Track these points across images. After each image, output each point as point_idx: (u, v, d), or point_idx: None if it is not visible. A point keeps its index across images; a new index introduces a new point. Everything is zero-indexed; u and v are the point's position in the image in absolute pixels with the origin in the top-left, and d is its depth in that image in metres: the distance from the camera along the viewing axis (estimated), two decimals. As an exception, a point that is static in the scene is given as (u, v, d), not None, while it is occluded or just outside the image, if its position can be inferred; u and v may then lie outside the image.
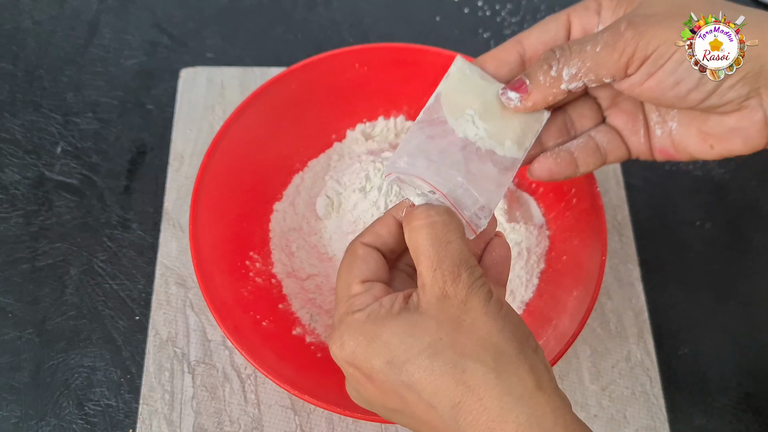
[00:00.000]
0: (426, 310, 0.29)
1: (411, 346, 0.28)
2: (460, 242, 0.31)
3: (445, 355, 0.28)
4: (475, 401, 0.27)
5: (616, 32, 0.32)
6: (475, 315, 0.29)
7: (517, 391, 0.27)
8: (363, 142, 0.57)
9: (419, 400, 0.28)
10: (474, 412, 0.27)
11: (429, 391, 0.28)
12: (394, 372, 0.29)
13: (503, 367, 0.28)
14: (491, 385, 0.27)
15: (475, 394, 0.27)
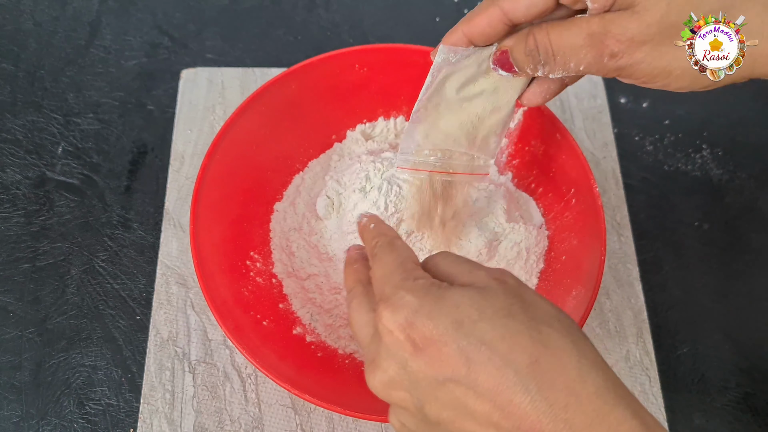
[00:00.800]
0: (489, 285, 0.30)
1: (483, 307, 0.28)
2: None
3: (520, 317, 0.28)
4: (554, 360, 0.27)
5: (600, 55, 0.32)
6: (533, 294, 0.30)
7: (591, 357, 0.28)
8: (363, 143, 0.57)
9: (490, 360, 0.27)
10: (552, 371, 0.27)
11: (504, 348, 0.27)
12: (462, 332, 0.28)
13: (574, 335, 0.28)
14: (568, 348, 0.28)
15: (553, 354, 0.27)
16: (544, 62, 0.34)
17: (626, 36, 0.31)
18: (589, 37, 0.32)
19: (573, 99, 0.64)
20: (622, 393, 0.27)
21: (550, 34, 0.34)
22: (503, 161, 0.56)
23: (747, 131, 0.64)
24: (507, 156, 0.56)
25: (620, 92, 0.65)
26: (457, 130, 0.42)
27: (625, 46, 0.31)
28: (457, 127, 0.42)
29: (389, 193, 0.49)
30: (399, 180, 0.50)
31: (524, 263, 0.51)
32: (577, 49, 0.33)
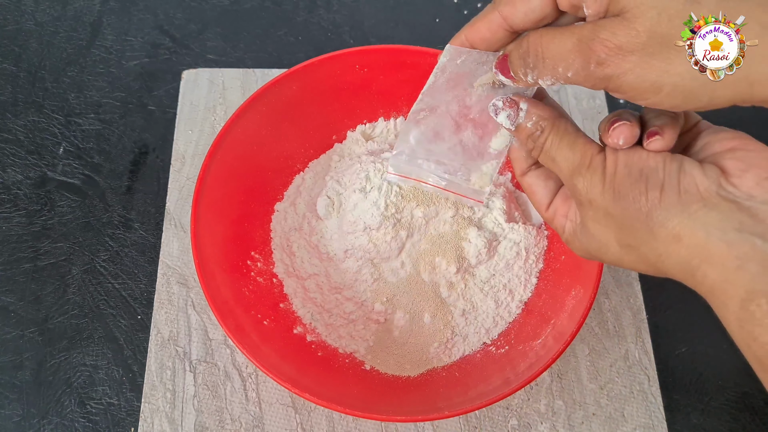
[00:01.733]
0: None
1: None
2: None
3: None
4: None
5: (587, 61, 0.32)
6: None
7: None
8: (363, 143, 0.57)
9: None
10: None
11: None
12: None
13: None
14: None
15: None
16: (533, 65, 0.34)
17: (614, 42, 0.30)
18: (578, 42, 0.32)
19: (572, 99, 0.64)
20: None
21: (542, 37, 0.34)
22: (503, 161, 0.56)
23: (746, 131, 0.64)
24: (506, 156, 0.56)
25: (619, 93, 0.65)
26: (453, 137, 0.40)
27: (612, 53, 0.31)
28: (453, 133, 0.40)
29: (389, 193, 0.49)
30: (399, 180, 0.50)
31: (524, 263, 0.51)
32: (565, 53, 0.32)
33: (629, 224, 0.33)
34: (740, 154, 0.32)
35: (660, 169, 0.32)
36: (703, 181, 0.31)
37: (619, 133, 0.33)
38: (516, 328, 0.51)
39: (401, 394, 0.47)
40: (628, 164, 0.33)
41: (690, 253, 0.31)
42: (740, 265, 0.29)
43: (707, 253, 0.30)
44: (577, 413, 0.50)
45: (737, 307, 0.29)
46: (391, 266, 0.50)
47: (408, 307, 0.50)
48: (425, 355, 0.50)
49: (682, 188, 0.31)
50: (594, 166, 0.34)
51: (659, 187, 0.32)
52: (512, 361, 0.47)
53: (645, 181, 0.32)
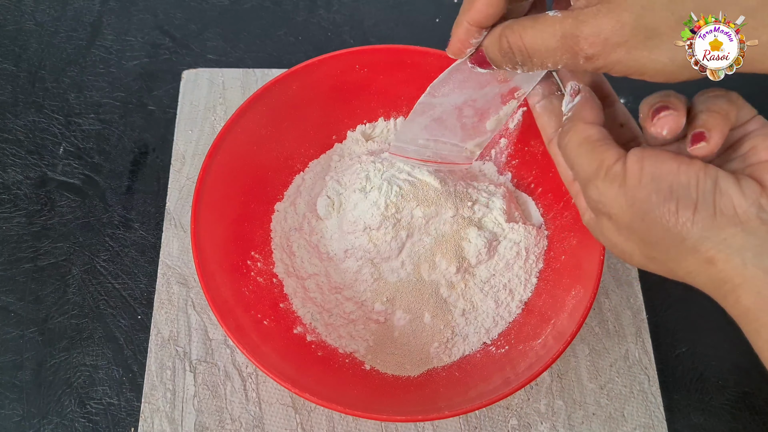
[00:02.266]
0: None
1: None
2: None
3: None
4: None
5: (575, 57, 0.32)
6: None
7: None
8: (363, 143, 0.57)
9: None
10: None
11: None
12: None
13: None
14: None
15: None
16: (521, 63, 0.34)
17: (600, 38, 0.30)
18: (563, 39, 0.31)
19: (572, 99, 0.64)
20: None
21: (523, 37, 0.33)
22: (503, 161, 0.57)
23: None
24: (507, 156, 0.56)
25: (620, 93, 0.65)
26: (456, 125, 0.43)
27: (599, 49, 0.30)
28: (456, 122, 0.43)
29: (389, 193, 0.49)
30: (399, 180, 0.50)
31: (524, 263, 0.51)
32: (552, 51, 0.32)
33: (655, 242, 0.31)
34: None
35: (693, 186, 0.30)
36: (741, 203, 0.29)
37: (664, 123, 0.31)
38: (516, 328, 0.51)
39: (401, 394, 0.47)
40: (656, 177, 0.30)
41: (724, 276, 0.29)
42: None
43: (742, 279, 0.29)
44: (577, 413, 0.50)
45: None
46: (391, 266, 0.50)
47: (408, 307, 0.50)
48: (425, 355, 0.50)
49: (718, 209, 0.29)
50: (611, 177, 0.31)
51: (692, 207, 0.29)
52: (512, 361, 0.47)
53: (676, 201, 0.30)
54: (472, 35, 0.36)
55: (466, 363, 0.50)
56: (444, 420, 0.49)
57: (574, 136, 0.34)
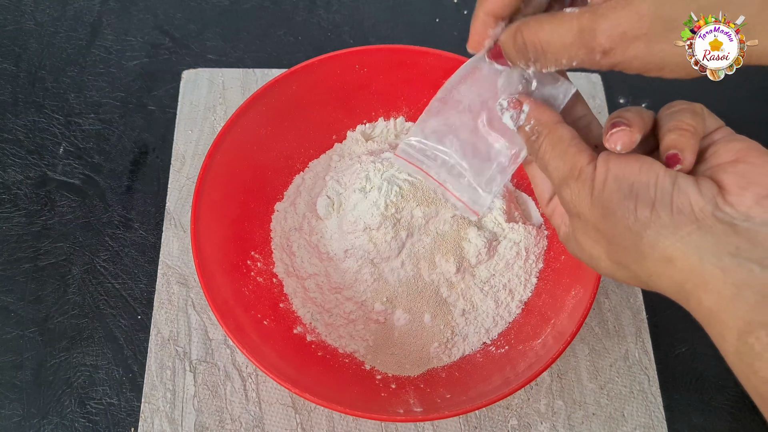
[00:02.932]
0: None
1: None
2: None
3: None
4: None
5: (591, 52, 0.31)
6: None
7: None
8: (363, 143, 0.57)
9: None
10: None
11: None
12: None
13: None
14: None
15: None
16: (534, 59, 0.33)
17: (617, 31, 0.30)
18: (579, 34, 0.31)
19: (572, 99, 0.64)
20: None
21: (538, 32, 0.32)
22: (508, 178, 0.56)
23: (745, 131, 0.64)
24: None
25: (619, 92, 0.65)
26: (469, 136, 0.40)
27: (616, 43, 0.30)
28: (470, 133, 0.40)
29: (389, 193, 0.49)
30: (399, 180, 0.50)
31: (524, 263, 0.51)
32: (567, 46, 0.31)
33: (618, 242, 0.31)
34: (741, 167, 0.30)
35: (652, 185, 0.30)
36: (698, 201, 0.29)
37: (617, 138, 0.32)
38: (516, 328, 0.51)
39: (401, 394, 0.47)
40: (619, 178, 0.31)
41: (683, 277, 0.29)
42: (737, 293, 0.27)
43: (701, 278, 0.28)
44: (577, 413, 0.50)
45: (735, 339, 0.28)
46: (391, 266, 0.50)
47: (408, 307, 0.50)
48: (425, 355, 0.50)
49: (675, 207, 0.29)
50: (583, 178, 0.32)
51: (650, 205, 0.30)
52: (512, 361, 0.47)
53: (635, 198, 0.30)
54: (489, 26, 0.36)
55: (466, 363, 0.50)
56: (444, 420, 0.49)
57: (546, 140, 0.34)
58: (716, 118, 0.34)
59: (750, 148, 0.31)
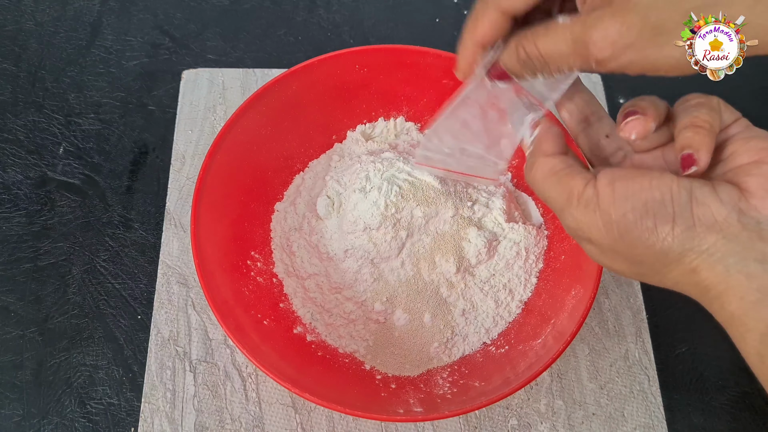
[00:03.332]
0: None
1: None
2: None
3: None
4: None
5: (586, 61, 0.32)
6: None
7: None
8: (363, 143, 0.57)
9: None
10: None
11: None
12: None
13: None
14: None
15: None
16: (540, 69, 0.34)
17: (608, 42, 0.30)
18: (574, 44, 0.31)
19: (572, 99, 0.64)
20: None
21: (537, 43, 0.33)
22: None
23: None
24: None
25: (619, 92, 0.65)
26: (480, 123, 0.42)
27: (608, 53, 0.30)
28: (482, 127, 0.42)
29: (389, 193, 0.49)
30: (399, 180, 0.50)
31: (524, 263, 0.51)
32: (565, 56, 0.32)
33: (640, 260, 0.31)
34: (765, 168, 0.30)
35: (668, 201, 0.30)
36: (720, 210, 0.29)
37: (631, 128, 0.32)
38: (516, 327, 0.51)
39: (401, 394, 0.47)
40: (629, 196, 0.30)
41: (708, 284, 0.29)
42: (761, 298, 0.28)
43: (726, 285, 0.29)
44: (577, 413, 0.50)
45: (757, 341, 0.28)
46: (391, 266, 0.50)
47: (408, 307, 0.50)
48: (425, 355, 0.50)
49: (697, 220, 0.29)
50: (585, 202, 0.31)
51: (670, 222, 0.29)
52: (512, 361, 0.47)
53: (653, 217, 0.30)
54: (479, 54, 0.37)
55: (466, 363, 0.50)
56: (444, 420, 0.49)
57: (538, 171, 0.34)
58: (733, 111, 0.33)
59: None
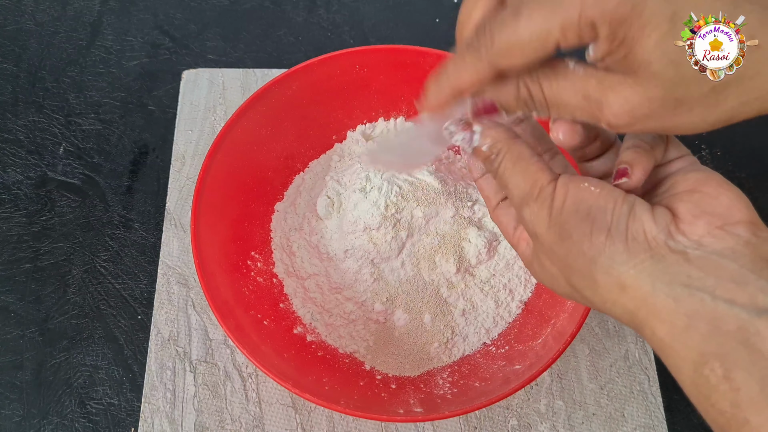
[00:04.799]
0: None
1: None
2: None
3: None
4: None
5: (596, 119, 0.30)
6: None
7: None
8: (363, 143, 0.57)
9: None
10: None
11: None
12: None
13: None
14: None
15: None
16: (539, 110, 0.32)
17: (625, 109, 0.29)
18: (585, 100, 0.30)
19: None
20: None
21: (543, 86, 0.31)
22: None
23: (745, 131, 0.64)
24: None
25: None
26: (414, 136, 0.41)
27: (624, 120, 0.29)
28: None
29: (389, 193, 0.49)
30: (399, 180, 0.50)
31: (524, 263, 0.51)
32: (572, 107, 0.30)
33: (572, 265, 0.30)
34: (697, 197, 0.30)
35: (609, 210, 0.29)
36: (652, 229, 0.29)
37: (558, 127, 0.32)
38: (516, 328, 0.51)
39: (401, 394, 0.47)
40: (577, 200, 0.30)
41: (636, 304, 0.28)
42: (689, 323, 0.27)
43: (654, 308, 0.28)
44: (577, 413, 0.50)
45: (691, 370, 0.27)
46: (391, 266, 0.50)
47: (408, 307, 0.50)
48: (425, 355, 0.50)
49: (630, 235, 0.29)
50: (542, 198, 0.31)
51: (605, 231, 0.29)
52: (512, 361, 0.47)
53: (591, 223, 0.30)
54: (455, 99, 0.34)
55: (466, 363, 0.50)
56: (444, 420, 0.49)
57: (507, 156, 0.33)
58: (682, 147, 0.33)
59: (708, 178, 0.31)
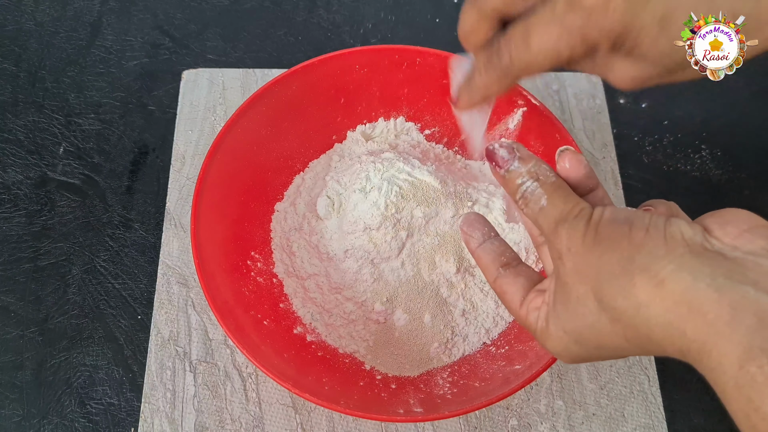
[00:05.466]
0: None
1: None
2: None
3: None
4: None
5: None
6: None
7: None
8: (363, 143, 0.57)
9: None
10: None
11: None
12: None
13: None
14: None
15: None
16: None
17: (629, 75, 0.32)
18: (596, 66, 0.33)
19: (572, 99, 0.64)
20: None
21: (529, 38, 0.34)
22: None
23: (746, 131, 0.64)
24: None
25: (619, 93, 0.65)
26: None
27: (626, 84, 0.32)
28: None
29: (389, 193, 0.49)
30: (399, 180, 0.50)
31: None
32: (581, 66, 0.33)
33: (607, 269, 0.30)
34: (717, 215, 0.31)
35: (647, 217, 0.30)
36: (688, 231, 0.29)
37: (564, 157, 0.34)
38: (516, 328, 0.51)
39: (401, 394, 0.47)
40: (615, 213, 0.31)
41: (674, 301, 0.27)
42: (734, 315, 0.25)
43: (695, 301, 0.27)
44: (577, 413, 0.50)
45: (735, 368, 0.25)
46: (391, 266, 0.50)
47: (408, 307, 0.50)
48: (425, 356, 0.50)
49: (668, 234, 0.29)
50: (582, 215, 0.32)
51: (644, 229, 0.30)
52: (512, 361, 0.47)
53: (629, 224, 0.30)
54: (484, 102, 0.40)
55: (466, 363, 0.50)
56: (444, 420, 0.49)
57: (548, 183, 0.33)
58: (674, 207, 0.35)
59: (713, 212, 0.32)
